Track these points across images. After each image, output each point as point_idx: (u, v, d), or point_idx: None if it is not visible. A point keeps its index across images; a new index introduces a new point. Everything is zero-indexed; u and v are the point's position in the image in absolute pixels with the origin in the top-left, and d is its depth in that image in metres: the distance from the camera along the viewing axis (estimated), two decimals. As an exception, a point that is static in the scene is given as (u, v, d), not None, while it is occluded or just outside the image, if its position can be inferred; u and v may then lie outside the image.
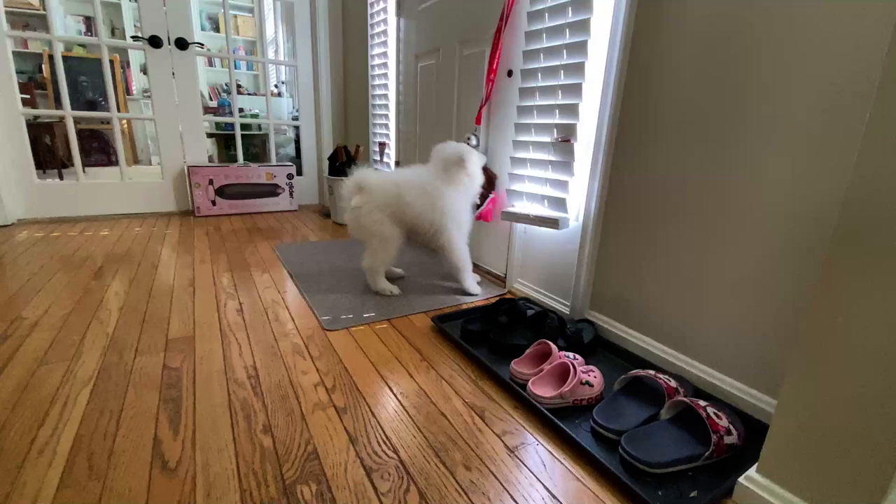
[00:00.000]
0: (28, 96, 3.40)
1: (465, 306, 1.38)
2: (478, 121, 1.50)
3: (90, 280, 1.48)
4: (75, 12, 4.22)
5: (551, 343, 0.99)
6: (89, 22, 4.28)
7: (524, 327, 1.15)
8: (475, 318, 1.22)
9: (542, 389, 0.88)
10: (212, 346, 1.09)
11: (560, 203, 1.20)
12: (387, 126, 2.27)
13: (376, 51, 2.26)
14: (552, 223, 1.21)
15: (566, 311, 1.28)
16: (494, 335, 1.10)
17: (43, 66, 3.96)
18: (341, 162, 2.47)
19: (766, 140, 0.80)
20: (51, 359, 1.01)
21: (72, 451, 0.74)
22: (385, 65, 2.18)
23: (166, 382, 0.93)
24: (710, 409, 0.78)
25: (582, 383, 0.88)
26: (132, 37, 2.36)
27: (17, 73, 3.87)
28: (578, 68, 1.11)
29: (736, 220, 0.86)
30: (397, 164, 2.26)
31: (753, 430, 0.80)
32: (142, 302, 1.32)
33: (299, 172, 2.98)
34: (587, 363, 1.00)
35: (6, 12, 3.80)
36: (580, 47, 1.10)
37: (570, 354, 0.99)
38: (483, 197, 1.45)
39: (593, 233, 1.16)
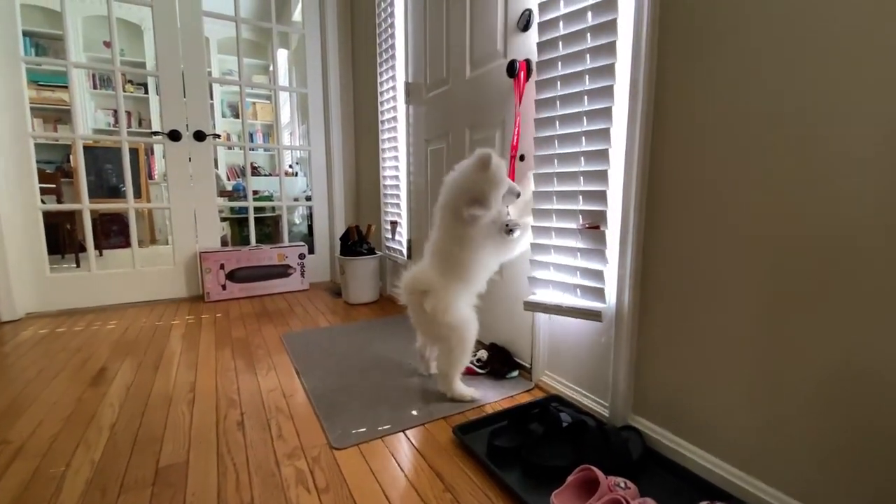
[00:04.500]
0: (54, 185, 3.52)
1: (489, 409, 1.24)
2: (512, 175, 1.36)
3: (85, 388, 1.38)
4: (105, 107, 4.51)
5: (597, 470, 0.84)
6: (117, 114, 4.56)
7: (560, 440, 1.01)
8: (503, 429, 1.07)
9: (593, 538, 0.73)
10: (207, 475, 0.96)
11: (597, 293, 1.10)
12: (398, 206, 2.26)
13: (387, 135, 2.31)
14: (593, 315, 1.09)
15: (605, 412, 1.13)
16: (527, 454, 0.96)
17: (71, 156, 4.17)
18: (353, 241, 2.44)
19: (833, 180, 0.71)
20: (26, 500, 0.89)
21: None
22: (395, 148, 2.21)
23: (149, 534, 0.80)
24: (812, 571, 0.62)
25: (641, 528, 0.73)
26: (152, 132, 2.45)
27: (47, 163, 4.08)
28: (602, 155, 1.06)
29: (816, 291, 0.74)
30: (409, 242, 2.21)
31: None
32: (136, 416, 1.21)
33: (311, 251, 2.96)
34: (639, 488, 0.85)
35: (39, 108, 4.04)
36: (602, 134, 1.05)
37: (621, 482, 0.84)
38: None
39: (630, 323, 1.05)
